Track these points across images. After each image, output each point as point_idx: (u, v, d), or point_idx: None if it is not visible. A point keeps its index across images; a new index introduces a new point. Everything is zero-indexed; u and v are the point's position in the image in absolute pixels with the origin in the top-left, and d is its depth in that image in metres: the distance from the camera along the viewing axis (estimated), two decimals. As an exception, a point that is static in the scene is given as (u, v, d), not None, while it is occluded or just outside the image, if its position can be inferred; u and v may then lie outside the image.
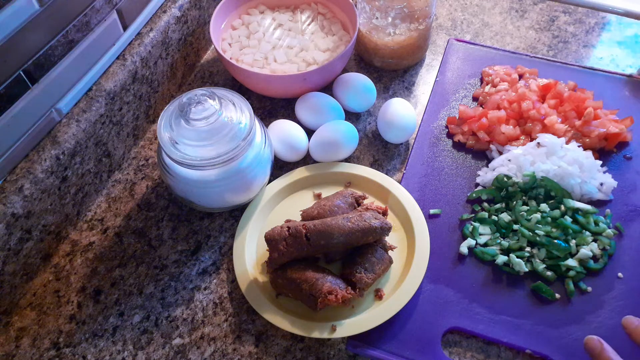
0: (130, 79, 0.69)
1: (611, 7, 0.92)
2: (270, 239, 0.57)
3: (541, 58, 0.82)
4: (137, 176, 0.72)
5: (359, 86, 0.74)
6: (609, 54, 0.84)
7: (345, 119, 0.74)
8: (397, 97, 0.77)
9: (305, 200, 0.68)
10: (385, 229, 0.58)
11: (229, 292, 0.61)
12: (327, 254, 0.61)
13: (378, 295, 0.58)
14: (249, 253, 0.62)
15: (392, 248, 0.61)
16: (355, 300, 0.57)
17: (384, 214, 0.61)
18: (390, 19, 0.76)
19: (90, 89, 0.66)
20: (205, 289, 0.61)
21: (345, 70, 0.80)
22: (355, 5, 0.79)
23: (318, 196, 0.68)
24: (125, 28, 0.69)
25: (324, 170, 0.69)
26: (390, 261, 0.59)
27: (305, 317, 0.57)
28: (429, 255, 0.60)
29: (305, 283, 0.55)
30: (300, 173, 0.69)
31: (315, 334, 0.55)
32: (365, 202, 0.64)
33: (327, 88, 0.78)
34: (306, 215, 0.62)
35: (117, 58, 0.69)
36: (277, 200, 0.68)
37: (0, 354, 0.57)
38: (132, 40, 0.71)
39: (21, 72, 0.56)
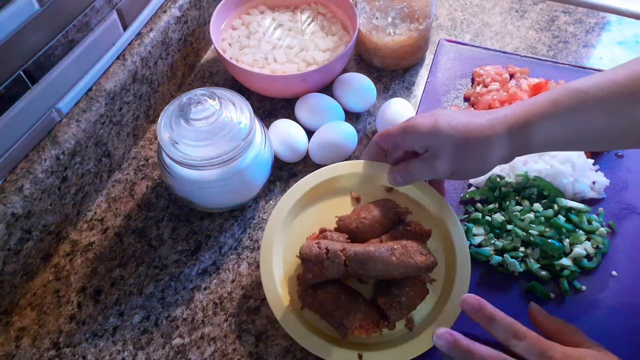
0: (130, 79, 0.69)
1: (611, 7, 0.92)
2: (306, 259, 0.53)
3: (531, 57, 0.82)
4: (137, 176, 0.72)
5: (359, 86, 0.74)
6: (609, 54, 0.84)
7: (345, 119, 0.74)
8: (397, 97, 0.77)
9: (342, 202, 0.62)
10: (430, 268, 0.53)
11: (229, 292, 0.61)
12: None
13: (408, 326, 0.55)
14: (277, 256, 0.58)
15: (431, 281, 0.56)
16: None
17: (427, 236, 0.57)
18: (390, 19, 0.76)
19: (90, 89, 0.66)
20: (205, 289, 0.62)
21: (345, 70, 0.80)
22: (355, 5, 0.79)
23: (357, 199, 0.62)
24: (125, 28, 0.69)
25: (365, 171, 0.61)
26: (427, 293, 0.55)
27: (328, 337, 0.54)
28: None
29: (337, 310, 0.52)
30: (340, 169, 0.62)
31: None
32: (408, 218, 0.59)
33: (327, 88, 0.78)
34: (343, 226, 0.57)
35: (117, 58, 0.69)
36: (311, 201, 0.61)
37: (0, 354, 0.57)
38: (132, 40, 0.71)
39: (21, 72, 0.56)
